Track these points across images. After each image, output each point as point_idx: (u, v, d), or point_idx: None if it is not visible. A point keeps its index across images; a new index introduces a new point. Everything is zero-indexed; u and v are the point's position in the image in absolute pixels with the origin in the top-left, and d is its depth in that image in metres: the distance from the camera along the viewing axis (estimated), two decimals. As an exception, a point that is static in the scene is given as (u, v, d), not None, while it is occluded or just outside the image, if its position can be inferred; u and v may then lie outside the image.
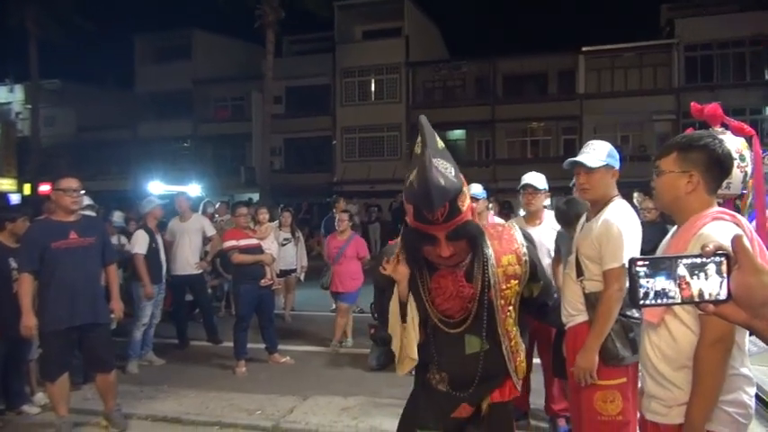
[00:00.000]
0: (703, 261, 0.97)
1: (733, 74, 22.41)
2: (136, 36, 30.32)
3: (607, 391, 2.67)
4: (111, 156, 28.72)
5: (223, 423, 4.39)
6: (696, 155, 1.95)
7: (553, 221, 4.23)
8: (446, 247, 2.16)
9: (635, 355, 2.65)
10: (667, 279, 0.97)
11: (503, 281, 2.29)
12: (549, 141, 25.25)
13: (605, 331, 2.66)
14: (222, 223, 8.70)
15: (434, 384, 2.39)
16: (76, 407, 4.53)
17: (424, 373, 2.43)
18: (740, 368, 1.88)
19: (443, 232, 2.13)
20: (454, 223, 2.13)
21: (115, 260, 4.65)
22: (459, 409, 2.37)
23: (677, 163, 1.98)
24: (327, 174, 26.30)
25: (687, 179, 1.95)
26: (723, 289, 0.96)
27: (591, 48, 23.48)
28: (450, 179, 2.10)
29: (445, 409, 2.38)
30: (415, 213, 2.15)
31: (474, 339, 2.32)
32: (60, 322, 4.02)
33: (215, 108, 29.66)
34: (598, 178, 2.78)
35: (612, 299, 2.65)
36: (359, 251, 6.83)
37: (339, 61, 26.34)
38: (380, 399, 4.82)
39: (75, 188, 4.13)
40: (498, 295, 2.29)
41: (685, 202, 1.98)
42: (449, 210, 2.11)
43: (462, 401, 2.36)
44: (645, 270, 0.98)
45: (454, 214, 2.13)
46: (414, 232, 2.21)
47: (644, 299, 0.98)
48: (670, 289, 0.97)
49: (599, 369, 2.67)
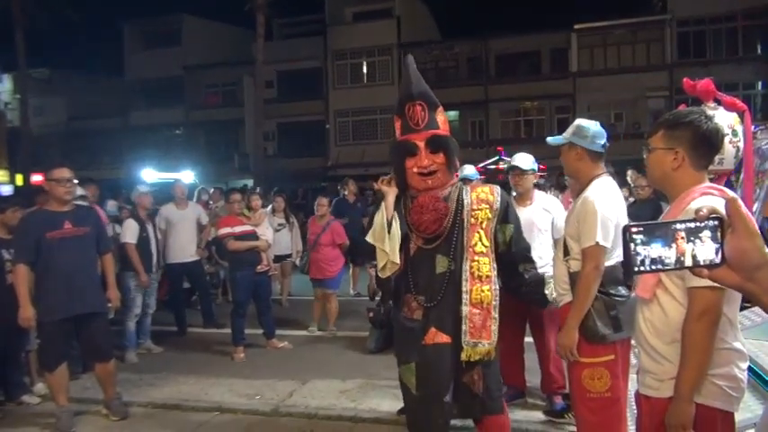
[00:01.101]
0: (697, 226, 0.97)
1: (726, 49, 22.35)
2: (125, 23, 29.98)
3: (594, 369, 2.69)
4: (103, 144, 28.51)
5: (223, 408, 4.42)
6: (681, 132, 1.97)
7: (544, 201, 4.24)
8: (426, 156, 2.68)
9: (618, 333, 2.68)
10: (663, 245, 0.97)
11: (475, 202, 2.75)
12: (542, 121, 25.18)
13: (584, 309, 2.68)
14: (216, 210, 8.68)
15: (410, 316, 2.76)
16: (76, 396, 4.55)
17: (398, 312, 2.82)
18: (732, 342, 1.90)
19: (423, 140, 2.70)
20: (433, 132, 2.72)
21: (110, 249, 4.65)
22: (429, 334, 2.70)
23: (663, 140, 2.00)
24: (322, 158, 26.22)
25: (673, 156, 1.97)
26: (717, 253, 0.97)
27: (583, 25, 23.37)
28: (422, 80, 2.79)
29: (417, 339, 2.72)
30: (402, 127, 2.80)
31: (443, 259, 2.70)
32: (57, 312, 4.03)
33: (206, 94, 29.45)
34: (564, 155, 2.90)
35: (590, 277, 2.67)
36: (335, 238, 6.72)
37: (330, 44, 26.14)
38: (378, 381, 4.86)
39: (69, 178, 4.12)
40: (469, 214, 2.74)
41: (673, 179, 2.00)
42: (428, 118, 2.73)
43: (432, 324, 2.69)
44: (640, 237, 0.98)
45: (433, 125, 2.75)
46: (399, 145, 2.78)
47: (640, 266, 0.98)
48: (665, 255, 0.97)
49: (583, 346, 2.70)
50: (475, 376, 2.71)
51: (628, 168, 7.40)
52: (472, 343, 2.65)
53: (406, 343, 2.78)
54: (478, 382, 2.72)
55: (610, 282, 2.73)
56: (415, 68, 2.82)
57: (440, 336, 2.68)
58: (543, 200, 4.27)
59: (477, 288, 2.66)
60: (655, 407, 1.98)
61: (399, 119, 2.82)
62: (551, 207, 4.20)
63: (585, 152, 2.83)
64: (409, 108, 2.75)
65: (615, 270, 2.75)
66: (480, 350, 2.65)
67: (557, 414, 3.92)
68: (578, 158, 2.85)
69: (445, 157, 2.71)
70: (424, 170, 2.69)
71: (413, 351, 2.72)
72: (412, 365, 2.72)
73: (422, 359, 2.69)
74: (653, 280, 1.95)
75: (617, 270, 2.76)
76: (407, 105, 2.75)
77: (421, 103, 2.73)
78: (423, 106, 2.73)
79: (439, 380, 2.68)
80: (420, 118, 2.73)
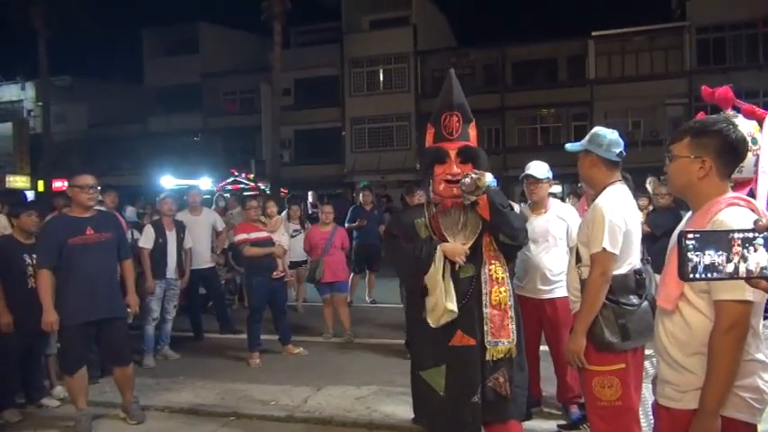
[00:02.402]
0: (754, 236, 0.96)
1: (746, 56, 22.08)
2: (143, 30, 30.41)
3: (604, 377, 2.67)
4: (122, 151, 28.88)
5: (239, 414, 4.44)
6: (709, 140, 1.93)
7: (559, 210, 4.20)
8: (455, 165, 2.80)
9: (626, 342, 2.66)
10: (716, 253, 0.96)
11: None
12: (559, 128, 25.06)
13: (591, 315, 2.67)
14: (231, 216, 8.75)
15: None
16: (95, 400, 4.60)
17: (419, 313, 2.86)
18: (755, 353, 1.87)
19: (455, 149, 2.83)
20: (465, 143, 2.85)
21: (130, 255, 4.71)
22: (455, 337, 2.77)
23: (690, 148, 1.96)
24: (338, 165, 26.30)
25: (700, 165, 1.93)
26: None
27: (601, 32, 23.23)
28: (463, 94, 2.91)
29: (443, 341, 2.78)
30: (435, 135, 2.94)
31: (468, 266, 2.82)
32: (78, 316, 4.08)
33: (224, 101, 29.74)
34: (580, 163, 2.90)
35: (596, 283, 2.66)
36: (343, 242, 6.93)
37: (347, 51, 26.27)
38: (394, 388, 4.84)
39: (92, 185, 4.20)
40: None
41: (698, 188, 1.96)
42: (461, 129, 2.87)
43: (458, 327, 2.76)
44: (694, 243, 0.97)
45: (465, 137, 2.88)
46: (431, 151, 2.92)
47: (693, 272, 0.97)
48: (719, 263, 0.96)
49: (593, 354, 2.68)
50: (501, 378, 2.79)
51: (648, 176, 7.33)
52: (494, 342, 2.77)
53: (431, 346, 2.84)
54: (504, 384, 2.79)
55: (620, 290, 2.71)
56: (456, 81, 2.95)
57: (466, 338, 2.77)
58: (558, 208, 4.23)
59: (496, 290, 2.81)
60: (676, 418, 1.95)
61: (433, 127, 2.94)
62: (566, 215, 4.16)
63: (600, 160, 2.82)
64: (446, 117, 2.88)
65: (626, 278, 2.73)
66: (501, 348, 2.78)
67: (573, 424, 3.88)
68: (592, 166, 2.84)
69: (473, 169, 2.81)
70: (453, 178, 2.80)
71: (441, 354, 2.79)
72: (442, 368, 2.79)
73: (452, 360, 2.78)
74: (677, 292, 1.92)
75: (628, 278, 2.74)
76: (445, 114, 2.89)
77: (458, 114, 2.87)
78: (459, 117, 2.87)
79: (469, 380, 2.77)
80: (455, 128, 2.87)
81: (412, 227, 2.91)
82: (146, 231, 6.18)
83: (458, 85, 2.94)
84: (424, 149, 3.02)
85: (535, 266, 4.03)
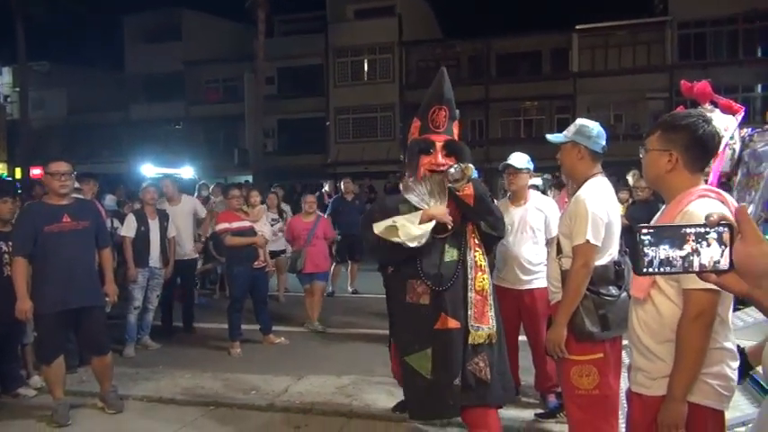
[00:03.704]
0: (707, 231, 0.98)
1: (726, 51, 22.36)
2: (125, 17, 29.91)
3: (582, 366, 2.71)
4: (103, 138, 28.49)
5: (219, 403, 4.43)
6: (677, 134, 1.98)
7: (538, 201, 4.24)
8: (440, 154, 2.88)
9: (605, 332, 2.70)
10: (671, 248, 0.98)
11: None
12: (542, 121, 25.20)
13: (572, 306, 2.71)
14: (214, 205, 8.68)
15: (416, 300, 2.86)
16: (72, 389, 4.56)
17: (402, 296, 2.91)
18: (723, 342, 1.92)
19: (441, 141, 2.91)
20: (451, 138, 2.96)
21: (109, 244, 4.66)
22: (441, 320, 2.81)
23: (659, 141, 2.01)
24: (321, 155, 26.21)
25: (667, 158, 1.98)
26: (725, 259, 0.97)
27: (585, 26, 23.35)
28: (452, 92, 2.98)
29: (428, 325, 2.83)
30: (421, 128, 3.00)
31: (452, 250, 2.89)
32: (55, 305, 4.04)
33: (206, 89, 29.41)
34: (564, 154, 2.92)
35: (579, 274, 2.69)
36: (326, 232, 6.90)
37: (331, 41, 26.10)
38: (374, 377, 4.87)
39: (65, 172, 4.12)
40: None
41: (667, 180, 2.01)
42: (447, 124, 2.95)
43: (441, 310, 2.80)
44: (649, 238, 0.98)
45: (450, 133, 2.97)
46: (417, 142, 2.98)
47: (648, 267, 0.99)
48: (673, 257, 0.98)
49: (572, 344, 2.72)
50: (481, 363, 2.83)
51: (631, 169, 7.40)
52: (476, 327, 2.82)
53: (416, 330, 2.88)
54: (485, 369, 2.83)
55: (600, 281, 2.75)
56: (447, 78, 3.03)
57: (451, 321, 2.81)
58: (537, 200, 4.26)
59: (480, 276, 2.87)
60: (647, 404, 2.00)
61: (419, 120, 3.01)
62: (545, 207, 4.20)
63: (587, 152, 2.85)
64: (435, 111, 2.95)
65: (606, 270, 2.77)
66: (481, 334, 2.83)
67: (550, 412, 3.93)
68: (580, 158, 2.87)
69: (457, 161, 2.87)
70: (437, 168, 2.86)
71: (426, 337, 2.84)
72: (428, 351, 2.83)
73: (438, 344, 2.82)
74: (648, 281, 1.96)
75: (608, 270, 2.78)
76: (434, 107, 2.96)
77: (446, 109, 2.95)
78: (446, 112, 2.95)
79: (452, 364, 2.81)
80: (442, 122, 2.95)
81: (396, 211, 2.93)
82: (127, 220, 6.11)
83: (448, 82, 3.01)
84: (409, 141, 3.05)
85: (514, 257, 4.07)
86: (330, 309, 7.57)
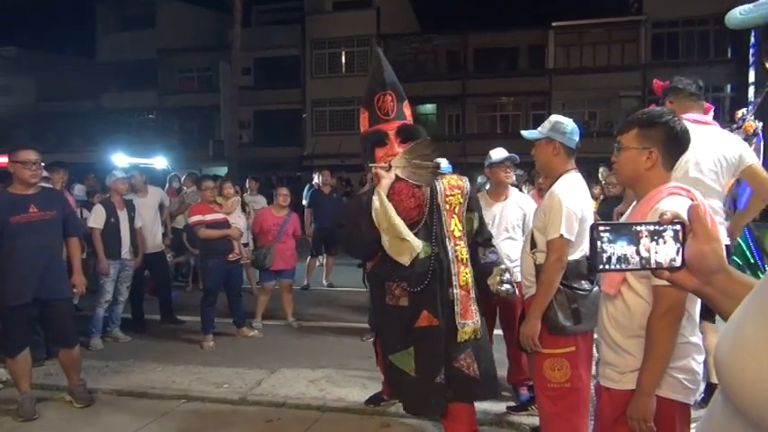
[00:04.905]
0: (662, 228, 0.99)
1: (697, 51, 22.77)
2: (97, 2, 29.20)
3: (554, 360, 2.76)
4: (73, 127, 27.79)
5: (190, 396, 4.38)
6: (656, 132, 2.00)
7: (518, 198, 4.28)
8: (396, 145, 2.74)
9: (578, 326, 2.75)
10: (628, 245, 1.00)
11: (447, 188, 2.84)
12: (518, 117, 25.40)
13: (546, 300, 2.74)
14: (186, 196, 8.56)
15: (395, 303, 2.80)
16: (39, 382, 4.47)
17: (382, 298, 2.85)
18: (690, 337, 1.96)
19: (393, 129, 2.75)
20: (402, 122, 2.80)
21: (78, 233, 4.55)
22: (421, 318, 2.75)
23: (638, 139, 2.02)
24: (297, 147, 26.03)
25: (647, 155, 2.00)
26: (678, 256, 0.99)
27: (561, 23, 23.56)
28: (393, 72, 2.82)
29: (409, 323, 2.77)
30: (370, 118, 2.84)
31: (424, 245, 2.75)
32: (20, 297, 3.94)
33: (181, 79, 28.93)
34: (539, 150, 2.94)
35: (553, 268, 2.72)
36: (296, 230, 6.68)
37: (309, 32, 25.91)
38: (348, 370, 4.88)
39: (35, 160, 4.02)
40: (444, 200, 2.82)
41: (645, 178, 2.03)
42: (396, 109, 2.80)
43: (422, 308, 2.74)
44: (607, 236, 1.00)
45: (401, 116, 2.82)
46: (369, 135, 2.80)
47: (606, 263, 1.00)
48: (630, 254, 1.00)
49: (545, 337, 2.76)
50: (467, 359, 2.81)
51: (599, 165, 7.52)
52: (462, 323, 2.79)
53: (398, 330, 2.83)
54: (472, 364, 2.81)
55: (573, 275, 2.78)
56: (386, 60, 2.86)
57: (431, 319, 2.75)
58: (517, 197, 4.31)
59: (463, 270, 2.81)
60: (615, 398, 2.04)
61: (366, 110, 2.86)
62: (524, 204, 4.25)
63: (562, 147, 2.88)
64: (379, 98, 2.79)
65: (579, 264, 2.81)
66: (467, 330, 2.80)
67: (522, 405, 3.98)
68: (555, 153, 2.89)
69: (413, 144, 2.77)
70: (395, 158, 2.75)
71: (408, 336, 2.79)
72: (411, 349, 2.78)
73: (420, 342, 2.77)
74: (619, 277, 1.99)
75: (581, 264, 2.81)
76: (378, 95, 2.80)
77: (391, 94, 2.79)
78: (392, 96, 2.79)
79: (434, 361, 2.78)
80: (390, 108, 2.79)
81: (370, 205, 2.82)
82: (95, 211, 5.95)
83: (387, 64, 2.86)
84: (362, 134, 2.89)
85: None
86: (305, 302, 7.55)
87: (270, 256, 6.33)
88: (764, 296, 0.77)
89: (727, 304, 0.96)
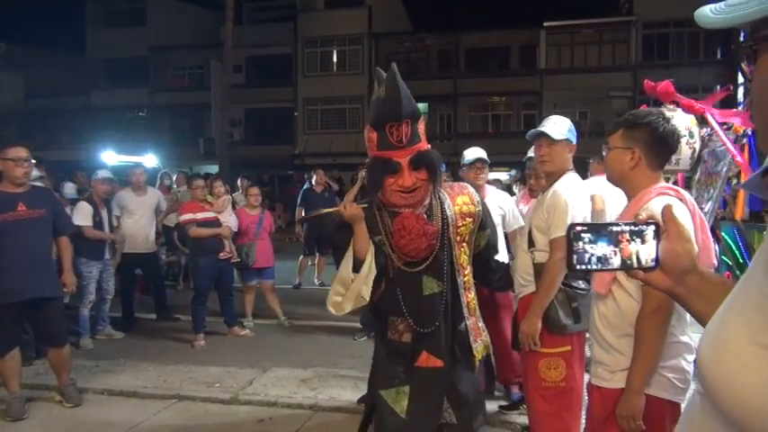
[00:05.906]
0: (639, 229, 1.00)
1: (688, 52, 22.95)
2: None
3: (551, 359, 2.77)
4: (63, 124, 27.62)
5: (181, 396, 4.36)
6: (639, 132, 2.04)
7: (496, 197, 4.29)
8: (409, 175, 2.40)
9: (577, 325, 2.76)
10: (608, 245, 1.00)
11: (459, 218, 2.54)
12: (509, 116, 25.51)
13: (548, 299, 2.75)
14: (178, 194, 8.52)
15: (397, 338, 2.54)
16: (28, 382, 4.44)
17: (383, 332, 2.60)
18: (680, 336, 1.98)
19: (406, 158, 2.40)
20: (416, 148, 2.42)
21: (69, 232, 4.52)
22: (421, 358, 2.51)
23: (622, 139, 2.06)
24: (289, 146, 25.97)
25: (630, 155, 2.03)
26: (652, 256, 1.00)
27: (552, 23, 23.66)
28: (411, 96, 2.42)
29: (408, 360, 2.52)
30: (379, 141, 2.43)
31: (431, 281, 2.49)
32: (9, 296, 3.91)
33: (172, 77, 28.80)
34: (558, 151, 2.86)
35: (556, 267, 2.73)
36: (270, 226, 6.71)
37: (301, 31, 25.85)
38: (339, 370, 4.88)
39: (26, 158, 3.99)
40: (454, 231, 2.51)
41: (630, 178, 2.06)
42: (411, 133, 2.42)
43: (423, 348, 2.50)
44: (586, 236, 1.00)
45: (416, 139, 2.43)
46: (377, 162, 2.44)
47: (585, 263, 1.00)
48: (609, 255, 1.00)
49: (543, 337, 2.77)
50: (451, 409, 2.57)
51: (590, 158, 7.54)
52: (474, 346, 2.59)
53: (394, 365, 2.57)
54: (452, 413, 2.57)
55: (573, 275, 2.79)
56: (402, 82, 2.39)
57: (432, 360, 2.51)
58: (495, 196, 4.32)
59: (471, 297, 2.61)
60: (606, 397, 2.06)
61: (374, 131, 2.45)
62: (503, 203, 4.25)
63: (572, 148, 2.91)
64: (392, 126, 2.39)
65: None
66: (480, 349, 2.61)
67: (514, 404, 3.99)
68: (569, 153, 2.90)
69: (428, 173, 2.46)
70: (407, 189, 2.43)
71: (405, 374, 2.53)
72: (406, 389, 2.52)
73: (417, 382, 2.51)
74: (609, 276, 2.01)
75: None
76: (391, 124, 2.39)
77: (407, 121, 2.40)
78: (408, 123, 2.41)
79: (431, 407, 2.53)
80: (404, 135, 2.40)
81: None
82: (81, 208, 5.82)
83: (405, 90, 2.39)
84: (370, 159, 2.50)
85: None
86: (296, 301, 7.54)
87: (252, 254, 6.34)
88: (747, 296, 0.77)
89: (700, 305, 0.97)
